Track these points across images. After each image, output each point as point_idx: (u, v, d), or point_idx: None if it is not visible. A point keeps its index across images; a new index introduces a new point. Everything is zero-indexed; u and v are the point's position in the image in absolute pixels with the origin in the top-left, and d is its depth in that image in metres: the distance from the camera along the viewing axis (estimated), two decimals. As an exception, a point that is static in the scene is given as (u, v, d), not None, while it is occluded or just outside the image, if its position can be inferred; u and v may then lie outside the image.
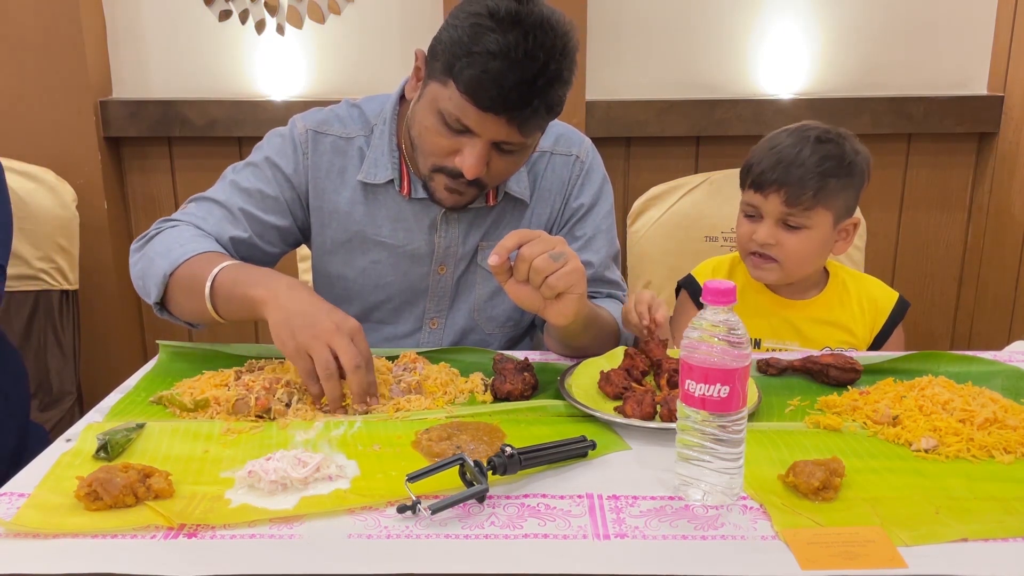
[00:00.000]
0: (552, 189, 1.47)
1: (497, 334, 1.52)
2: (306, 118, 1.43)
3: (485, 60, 1.16)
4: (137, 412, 1.15)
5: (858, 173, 1.48)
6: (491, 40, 1.16)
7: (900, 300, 1.56)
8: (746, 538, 0.86)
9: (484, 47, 1.16)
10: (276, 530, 0.87)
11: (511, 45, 1.15)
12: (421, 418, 1.13)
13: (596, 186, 1.50)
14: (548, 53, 1.17)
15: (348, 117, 1.43)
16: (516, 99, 1.18)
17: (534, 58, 1.16)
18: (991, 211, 2.32)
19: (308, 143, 1.41)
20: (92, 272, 2.22)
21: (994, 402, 1.12)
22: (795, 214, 1.44)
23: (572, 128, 1.52)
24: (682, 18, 2.24)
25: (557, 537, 0.86)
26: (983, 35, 2.26)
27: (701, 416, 0.90)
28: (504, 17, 1.16)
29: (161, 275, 1.27)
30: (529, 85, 1.17)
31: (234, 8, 2.23)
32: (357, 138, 1.42)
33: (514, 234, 1.16)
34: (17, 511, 0.90)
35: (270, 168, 1.40)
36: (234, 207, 1.38)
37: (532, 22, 1.16)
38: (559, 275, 1.14)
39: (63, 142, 2.19)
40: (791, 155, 1.44)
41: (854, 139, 1.50)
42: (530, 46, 1.15)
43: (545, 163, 1.47)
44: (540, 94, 1.18)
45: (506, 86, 1.16)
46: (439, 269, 1.46)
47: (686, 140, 2.29)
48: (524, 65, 1.16)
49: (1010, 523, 0.88)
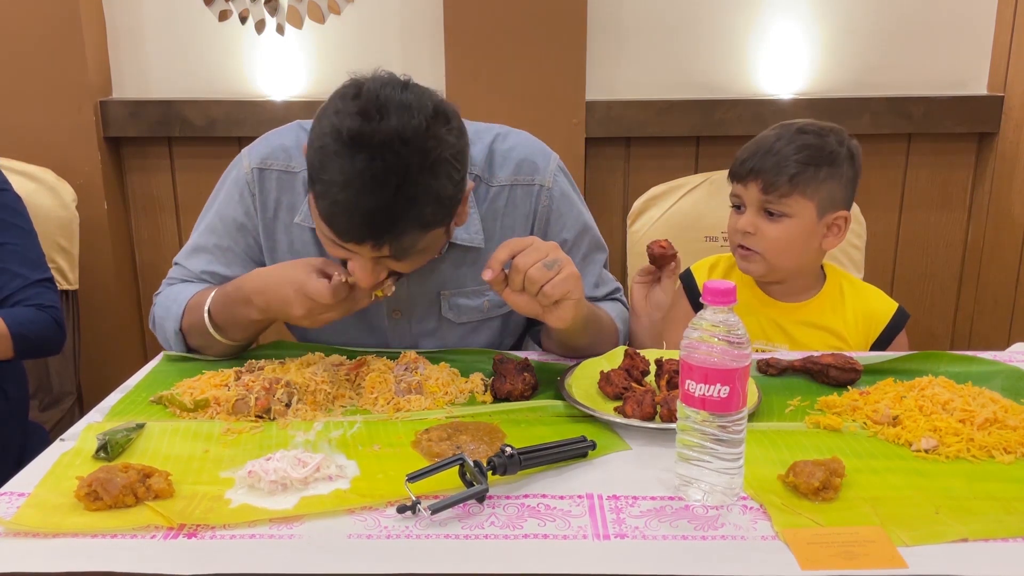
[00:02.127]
0: (515, 225, 1.37)
1: None
2: (251, 153, 1.37)
3: (332, 191, 1.06)
4: (137, 412, 1.15)
5: (842, 164, 1.45)
6: (335, 168, 1.05)
7: (899, 311, 1.52)
8: (746, 538, 0.86)
9: (330, 176, 1.06)
10: (276, 530, 0.87)
11: (357, 172, 1.04)
12: (421, 418, 1.13)
13: (573, 214, 1.41)
14: (402, 174, 1.04)
15: (294, 146, 1.35)
16: (376, 227, 1.07)
17: (384, 184, 1.04)
18: (991, 211, 2.32)
19: (254, 182, 1.35)
20: (92, 272, 2.21)
21: (994, 402, 1.12)
22: (772, 201, 1.44)
23: (535, 146, 1.40)
24: (682, 18, 2.23)
25: (557, 537, 0.86)
26: (983, 35, 2.26)
27: (701, 416, 0.90)
28: (348, 140, 1.04)
29: (174, 333, 1.34)
30: (386, 212, 1.06)
31: (234, 8, 2.23)
32: (301, 173, 1.32)
33: (506, 245, 1.15)
34: (17, 511, 0.90)
35: (223, 223, 1.38)
36: (197, 270, 1.39)
37: (379, 141, 1.04)
38: (554, 283, 1.13)
39: (63, 142, 2.19)
40: (769, 144, 1.45)
41: (842, 133, 1.48)
42: (378, 170, 1.04)
43: (505, 199, 1.36)
44: (403, 216, 1.07)
45: (357, 217, 1.06)
46: (393, 313, 1.39)
47: (686, 140, 2.29)
48: (375, 193, 1.04)
49: (1010, 523, 0.88)
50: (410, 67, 1.33)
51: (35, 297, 1.56)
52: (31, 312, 1.54)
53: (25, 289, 1.56)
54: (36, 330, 1.53)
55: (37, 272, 1.59)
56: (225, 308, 1.27)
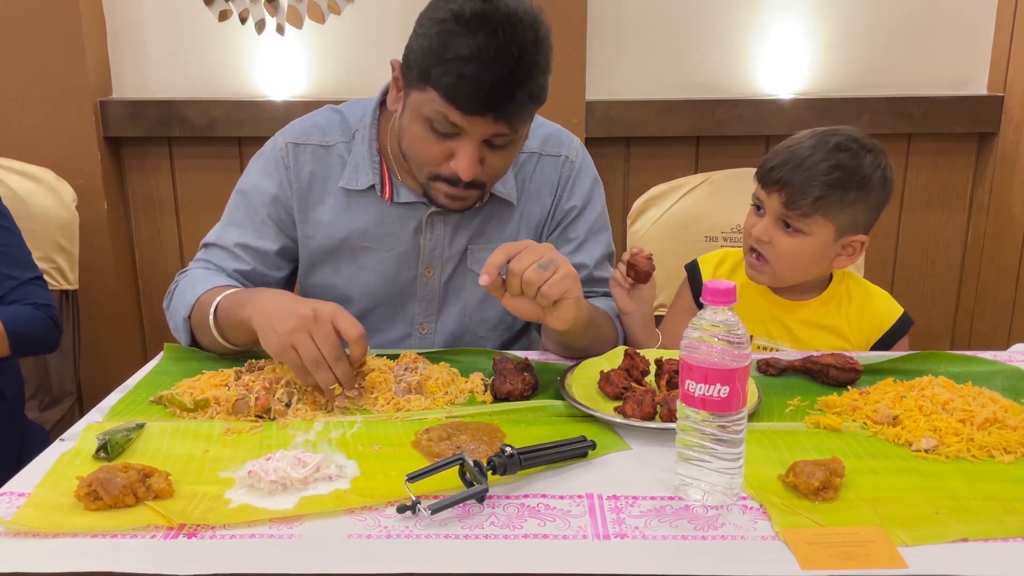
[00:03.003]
0: (541, 190, 1.47)
1: (490, 337, 1.52)
2: (286, 132, 1.44)
3: (458, 65, 1.16)
4: (137, 412, 1.15)
5: (873, 190, 1.40)
6: (461, 44, 1.16)
7: (904, 316, 1.51)
8: (746, 538, 0.86)
9: (456, 52, 1.16)
10: (276, 530, 0.87)
11: (482, 46, 1.15)
12: (421, 418, 1.13)
13: (587, 187, 1.49)
14: (520, 47, 1.17)
15: (328, 124, 1.43)
16: (498, 97, 1.18)
17: (507, 54, 1.16)
18: (991, 211, 2.32)
19: (289, 156, 1.42)
20: (92, 272, 2.21)
21: (994, 402, 1.12)
22: (792, 217, 1.40)
23: (561, 128, 1.51)
24: (682, 18, 2.24)
25: (557, 537, 0.86)
26: (983, 35, 2.26)
27: (701, 416, 0.90)
28: (470, 19, 1.16)
29: (182, 320, 1.33)
30: (507, 82, 1.17)
31: (234, 8, 2.23)
32: (337, 145, 1.42)
33: (501, 249, 1.16)
34: (17, 511, 0.90)
35: (257, 195, 1.42)
36: (230, 244, 1.41)
37: (499, 19, 1.16)
38: (551, 284, 1.13)
39: (63, 142, 2.19)
40: (802, 156, 1.39)
41: (881, 155, 1.41)
42: (501, 43, 1.15)
43: (534, 164, 1.46)
44: (520, 87, 1.18)
45: (484, 87, 1.16)
46: (426, 272, 1.46)
47: (686, 140, 2.29)
48: (498, 63, 1.16)
49: (1010, 523, 0.88)
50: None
51: (29, 296, 1.56)
52: (27, 310, 1.54)
53: (17, 289, 1.56)
54: (31, 328, 1.53)
55: (27, 272, 1.60)
56: (230, 311, 1.26)
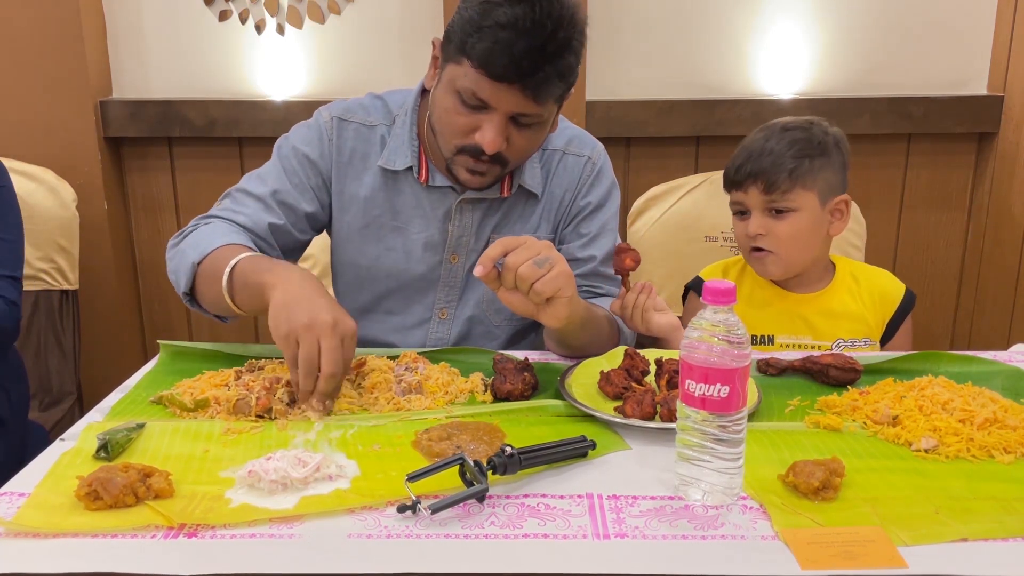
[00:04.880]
0: (563, 186, 1.50)
1: (504, 326, 1.54)
2: (331, 108, 1.48)
3: (495, 32, 1.20)
4: (137, 412, 1.15)
5: (832, 151, 1.51)
6: (500, 13, 1.20)
7: (908, 292, 1.59)
8: (746, 538, 0.86)
9: (494, 20, 1.20)
10: (276, 530, 0.87)
11: (519, 16, 1.19)
12: (421, 418, 1.13)
13: (605, 188, 1.52)
14: (556, 22, 1.20)
15: (372, 107, 1.48)
16: (527, 66, 1.21)
17: (542, 26, 1.19)
18: (991, 211, 2.32)
19: (333, 129, 1.45)
20: (92, 272, 2.21)
21: (994, 402, 1.12)
22: (777, 199, 1.48)
23: (586, 132, 1.55)
24: (682, 18, 2.23)
25: (557, 537, 0.86)
26: (983, 35, 2.26)
27: (701, 416, 0.90)
28: None
29: (190, 264, 1.30)
30: (539, 52, 1.20)
31: (234, 8, 2.23)
32: (379, 127, 1.46)
33: (499, 243, 1.17)
34: (17, 511, 0.90)
35: (296, 157, 1.44)
36: (267, 195, 1.42)
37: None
38: (545, 281, 1.14)
39: (63, 142, 2.19)
40: (761, 147, 1.50)
41: (822, 122, 1.53)
42: (538, 15, 1.19)
43: (557, 161, 1.50)
44: (550, 61, 1.21)
45: (516, 54, 1.20)
46: (451, 258, 1.48)
47: (686, 140, 2.29)
48: (533, 33, 1.19)
49: (1010, 523, 0.88)
50: (410, 67, 1.34)
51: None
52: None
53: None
54: None
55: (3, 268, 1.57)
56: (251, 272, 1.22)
